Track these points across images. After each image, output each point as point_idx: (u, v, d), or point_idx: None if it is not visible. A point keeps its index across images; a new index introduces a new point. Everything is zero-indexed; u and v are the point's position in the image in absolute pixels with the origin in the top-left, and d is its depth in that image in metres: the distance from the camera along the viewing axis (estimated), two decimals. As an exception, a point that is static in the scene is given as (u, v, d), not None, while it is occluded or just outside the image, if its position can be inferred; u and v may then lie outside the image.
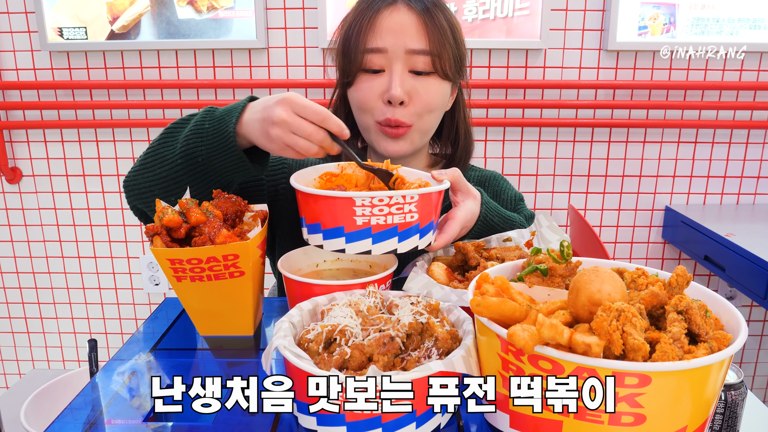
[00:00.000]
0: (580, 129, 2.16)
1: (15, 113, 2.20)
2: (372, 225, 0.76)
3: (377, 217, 0.76)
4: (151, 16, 2.05)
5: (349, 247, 0.78)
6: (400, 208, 0.76)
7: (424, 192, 0.78)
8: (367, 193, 0.74)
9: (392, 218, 0.76)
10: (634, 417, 0.49)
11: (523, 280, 0.68)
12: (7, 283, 2.37)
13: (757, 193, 2.23)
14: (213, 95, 2.15)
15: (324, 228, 0.78)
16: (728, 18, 2.02)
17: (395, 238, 0.78)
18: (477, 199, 0.94)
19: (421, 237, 0.81)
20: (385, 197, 0.75)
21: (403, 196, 0.76)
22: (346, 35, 1.02)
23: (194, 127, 0.86)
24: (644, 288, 0.60)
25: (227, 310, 0.82)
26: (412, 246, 0.80)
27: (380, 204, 0.75)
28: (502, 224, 0.98)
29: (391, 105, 1.00)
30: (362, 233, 0.77)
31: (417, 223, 0.79)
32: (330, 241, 0.79)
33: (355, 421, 0.56)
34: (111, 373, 0.75)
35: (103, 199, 2.26)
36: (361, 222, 0.76)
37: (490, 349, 0.57)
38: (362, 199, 0.74)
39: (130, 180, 0.94)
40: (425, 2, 1.00)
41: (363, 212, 0.75)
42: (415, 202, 0.77)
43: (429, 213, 0.81)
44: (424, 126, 1.05)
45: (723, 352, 0.50)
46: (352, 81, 1.03)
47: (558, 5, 2.03)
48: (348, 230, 0.77)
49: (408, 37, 0.98)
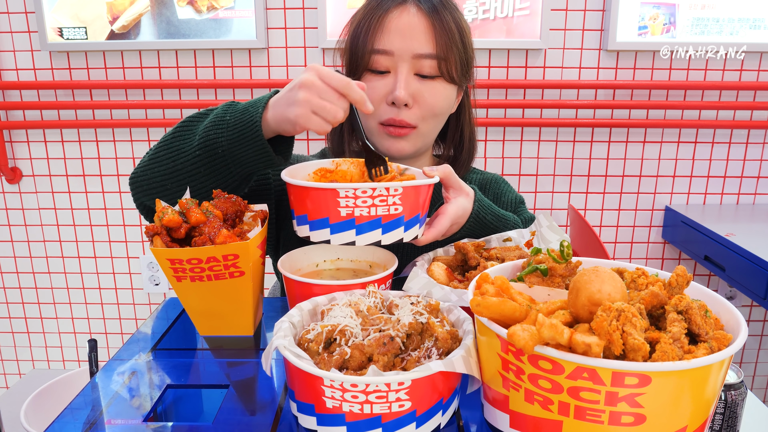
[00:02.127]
0: (580, 129, 2.16)
1: (15, 113, 2.20)
2: (356, 216, 0.77)
3: (360, 208, 0.77)
4: (151, 16, 2.05)
5: (334, 237, 0.79)
6: (383, 200, 0.77)
7: (408, 185, 0.78)
8: (351, 185, 0.75)
9: (376, 210, 0.77)
10: (634, 417, 0.49)
11: (523, 280, 0.68)
12: (7, 283, 2.37)
13: (757, 193, 2.23)
14: (213, 95, 2.15)
15: (310, 219, 0.80)
16: (728, 18, 2.02)
17: (379, 230, 0.79)
18: (470, 197, 0.94)
19: (406, 230, 0.82)
20: (369, 189, 0.76)
21: (387, 189, 0.77)
22: (354, 33, 1.02)
23: (215, 119, 0.86)
24: (644, 288, 0.60)
25: (227, 310, 0.82)
26: (396, 238, 0.81)
27: (363, 195, 0.76)
28: (495, 222, 0.98)
29: (395, 107, 1.00)
30: (346, 224, 0.78)
31: (401, 216, 0.80)
32: (316, 232, 0.80)
33: (355, 421, 0.56)
34: (111, 373, 0.75)
35: (103, 199, 2.26)
36: (345, 213, 0.77)
37: (490, 349, 0.57)
38: (346, 191, 0.75)
39: (138, 175, 0.93)
40: (435, 3, 1.00)
41: (347, 203, 0.76)
42: (399, 195, 0.78)
43: (415, 207, 0.81)
44: (428, 129, 1.05)
45: (723, 352, 0.50)
46: (358, 79, 1.03)
47: (558, 5, 2.03)
48: (332, 221, 0.78)
49: (415, 41, 0.98)
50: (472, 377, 0.62)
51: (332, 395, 0.56)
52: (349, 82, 0.80)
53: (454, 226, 0.92)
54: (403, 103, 0.99)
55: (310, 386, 0.57)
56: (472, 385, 0.63)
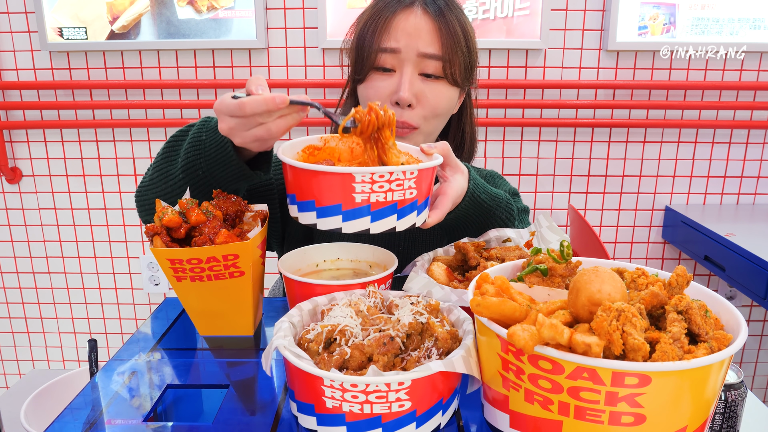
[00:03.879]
0: (580, 129, 2.16)
1: (15, 113, 2.20)
2: (372, 202, 0.72)
3: (377, 194, 0.72)
4: (151, 16, 2.05)
5: (346, 225, 0.73)
6: (400, 184, 0.72)
7: (423, 167, 0.74)
8: (368, 169, 0.70)
9: (392, 195, 0.73)
10: (634, 417, 0.49)
11: (523, 280, 0.68)
12: (7, 283, 2.37)
13: (757, 193, 2.23)
14: (213, 95, 2.15)
15: (319, 206, 0.73)
16: (728, 18, 2.02)
17: (394, 216, 0.74)
18: (465, 174, 0.91)
19: (419, 214, 0.78)
20: (386, 173, 0.71)
21: (404, 172, 0.72)
22: (360, 33, 1.03)
23: (192, 140, 0.86)
24: (644, 288, 0.60)
25: (227, 310, 0.82)
26: (410, 224, 0.77)
27: (380, 180, 0.71)
28: (489, 201, 0.96)
29: (398, 106, 1.01)
30: (361, 211, 0.73)
31: (416, 200, 0.76)
32: (325, 220, 0.74)
33: (355, 421, 0.56)
34: (111, 373, 0.75)
35: (103, 199, 2.26)
36: (360, 199, 0.71)
37: (490, 349, 0.57)
38: (362, 175, 0.70)
39: (140, 195, 0.96)
40: (441, 7, 1.01)
41: (363, 189, 0.71)
42: (414, 178, 0.73)
43: (426, 189, 0.78)
44: (429, 129, 1.06)
45: (723, 352, 0.50)
46: (364, 78, 1.04)
47: (558, 5, 2.03)
48: (346, 208, 0.72)
49: (421, 41, 0.99)
50: (472, 377, 0.62)
51: (332, 395, 0.56)
52: (258, 100, 0.74)
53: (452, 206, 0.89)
54: (407, 104, 1.00)
55: (310, 386, 0.57)
56: (472, 385, 0.63)
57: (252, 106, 0.74)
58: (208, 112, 2.17)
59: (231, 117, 0.76)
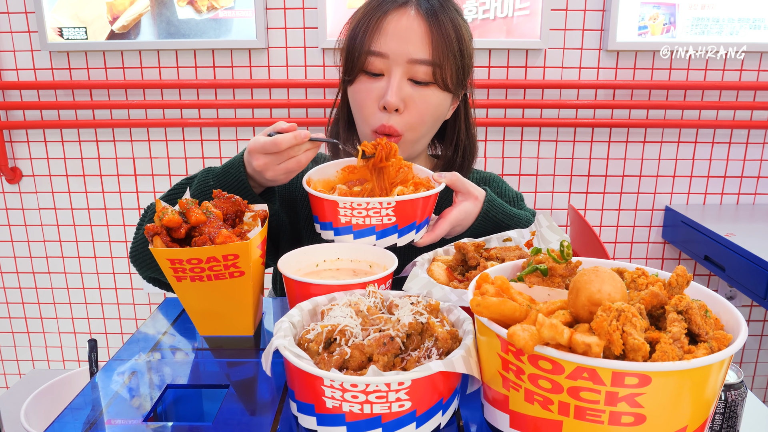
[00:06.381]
0: (580, 129, 2.16)
1: (15, 113, 2.20)
2: (353, 224, 0.90)
3: (357, 217, 0.89)
4: (151, 16, 2.05)
5: (337, 238, 0.93)
6: (377, 211, 0.88)
7: (401, 199, 0.88)
8: (349, 198, 0.88)
9: (370, 219, 0.89)
10: (634, 417, 0.49)
11: (523, 280, 0.68)
12: (7, 283, 2.37)
13: (757, 193, 2.23)
14: (213, 95, 2.15)
15: (320, 221, 0.94)
16: (728, 18, 2.02)
17: (373, 236, 0.91)
18: (478, 200, 0.98)
19: (400, 236, 0.92)
20: (363, 202, 0.87)
21: (380, 203, 0.87)
22: (352, 33, 1.02)
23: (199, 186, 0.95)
24: (644, 288, 0.60)
25: (227, 310, 0.82)
26: (390, 243, 0.92)
27: (359, 207, 0.88)
28: (506, 221, 1.00)
29: (386, 111, 1.00)
30: (345, 229, 0.91)
31: (395, 225, 0.90)
32: (325, 232, 0.94)
33: (355, 421, 0.56)
34: (111, 373, 0.75)
35: (103, 199, 2.26)
36: (344, 220, 0.90)
37: (490, 349, 0.57)
38: (344, 203, 0.88)
39: (136, 254, 0.97)
40: (435, 8, 0.99)
41: (345, 213, 0.89)
42: (392, 207, 0.88)
43: (411, 215, 0.91)
44: (416, 136, 1.04)
45: (723, 352, 0.50)
46: (353, 79, 1.03)
47: (558, 5, 2.03)
48: (335, 225, 0.91)
49: (411, 45, 0.97)
50: (472, 377, 0.62)
51: (332, 395, 0.56)
52: (282, 140, 0.87)
53: (457, 228, 0.97)
54: (394, 108, 0.99)
55: (310, 386, 0.57)
56: (472, 385, 0.63)
57: (286, 141, 0.87)
58: (208, 112, 2.17)
59: (265, 154, 0.89)
